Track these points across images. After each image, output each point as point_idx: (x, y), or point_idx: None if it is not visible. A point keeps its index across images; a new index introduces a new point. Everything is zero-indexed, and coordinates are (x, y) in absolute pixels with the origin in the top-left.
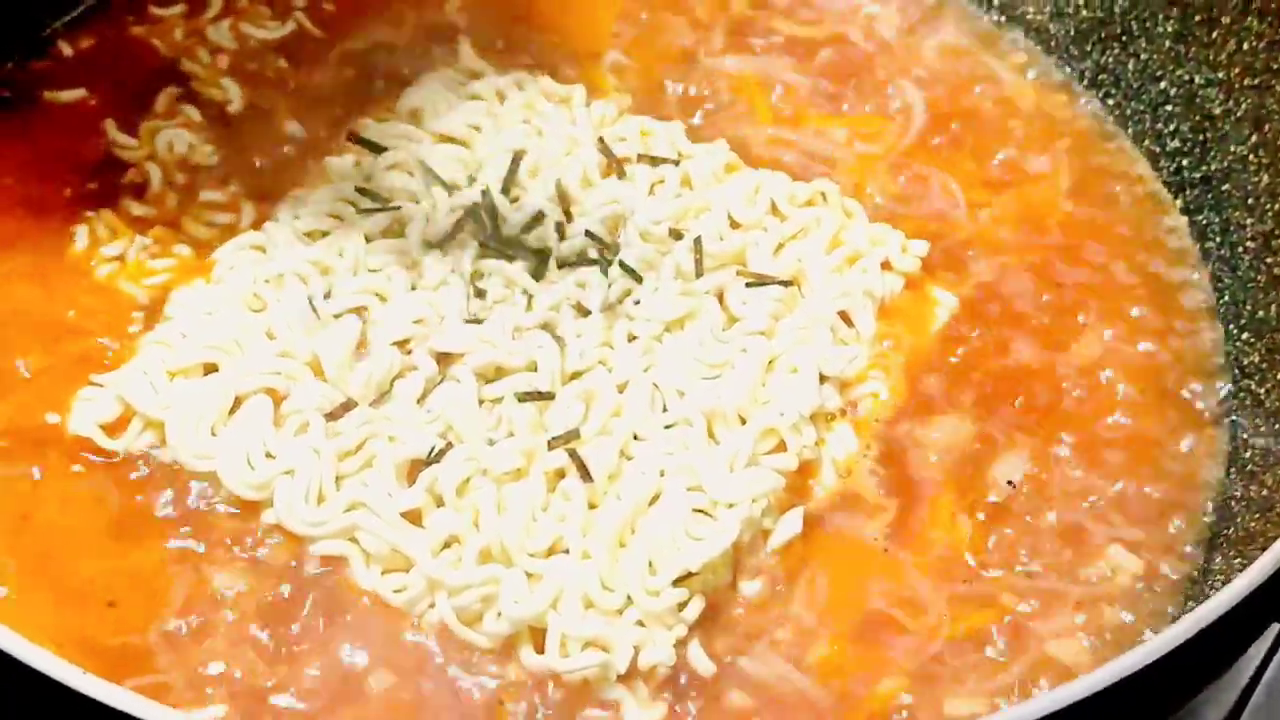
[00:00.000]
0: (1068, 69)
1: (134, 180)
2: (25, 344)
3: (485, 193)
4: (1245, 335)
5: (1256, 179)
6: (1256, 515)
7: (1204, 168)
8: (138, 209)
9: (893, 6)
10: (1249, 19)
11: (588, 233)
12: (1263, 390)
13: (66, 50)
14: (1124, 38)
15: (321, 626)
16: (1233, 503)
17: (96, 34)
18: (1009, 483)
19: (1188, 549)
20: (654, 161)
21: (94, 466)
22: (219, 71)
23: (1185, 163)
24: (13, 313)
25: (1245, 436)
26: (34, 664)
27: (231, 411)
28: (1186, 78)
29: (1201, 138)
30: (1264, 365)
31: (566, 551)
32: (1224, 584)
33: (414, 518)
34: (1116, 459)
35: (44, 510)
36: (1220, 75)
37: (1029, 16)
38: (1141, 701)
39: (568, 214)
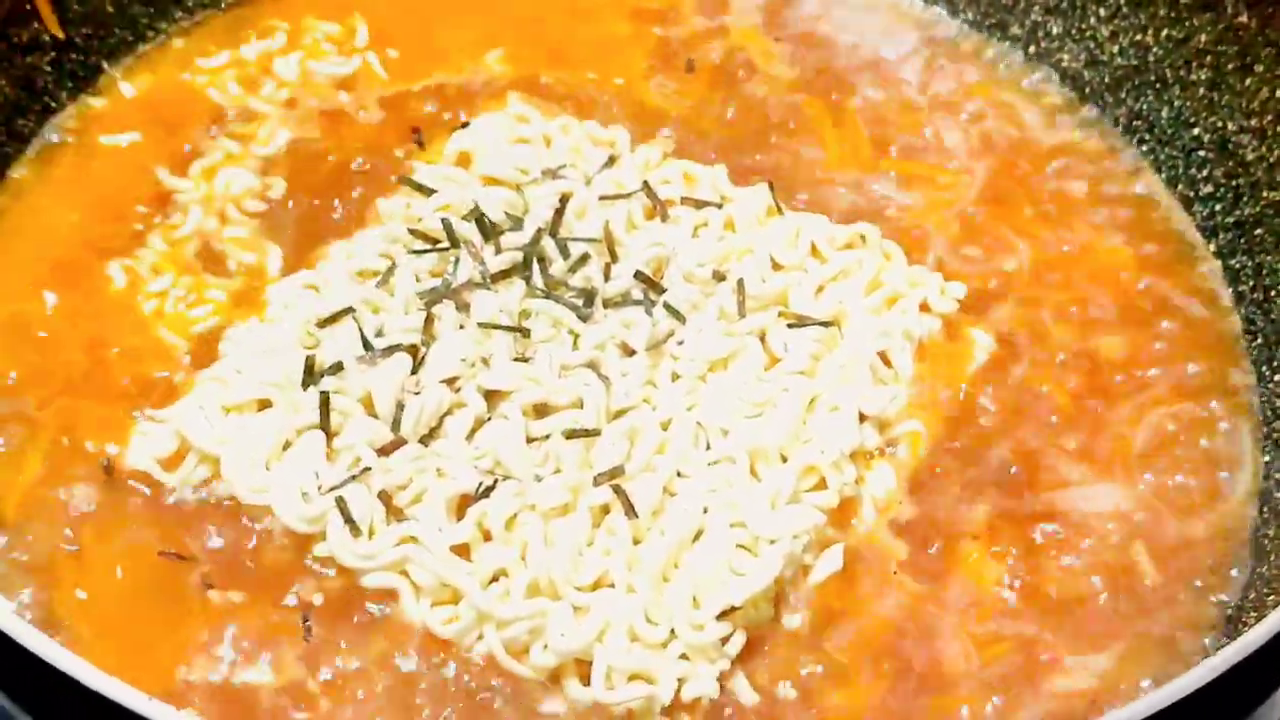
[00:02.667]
0: (1102, 114)
1: (179, 222)
2: (79, 379)
3: (536, 235)
4: (1278, 378)
5: None
6: None
7: (1237, 213)
8: (182, 249)
9: (921, 56)
10: None
11: (637, 273)
12: None
13: (127, 91)
14: (1158, 85)
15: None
16: (1265, 540)
17: (154, 75)
18: (1043, 520)
19: (1221, 590)
20: (697, 205)
21: (149, 500)
22: (272, 112)
23: (1218, 208)
24: (67, 347)
25: (1278, 476)
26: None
27: (285, 447)
28: (1220, 124)
29: (1235, 183)
30: None
31: (612, 585)
32: (1258, 620)
33: (463, 552)
34: (1149, 497)
35: (98, 544)
36: (1253, 123)
37: (1064, 64)
38: None
39: (613, 255)
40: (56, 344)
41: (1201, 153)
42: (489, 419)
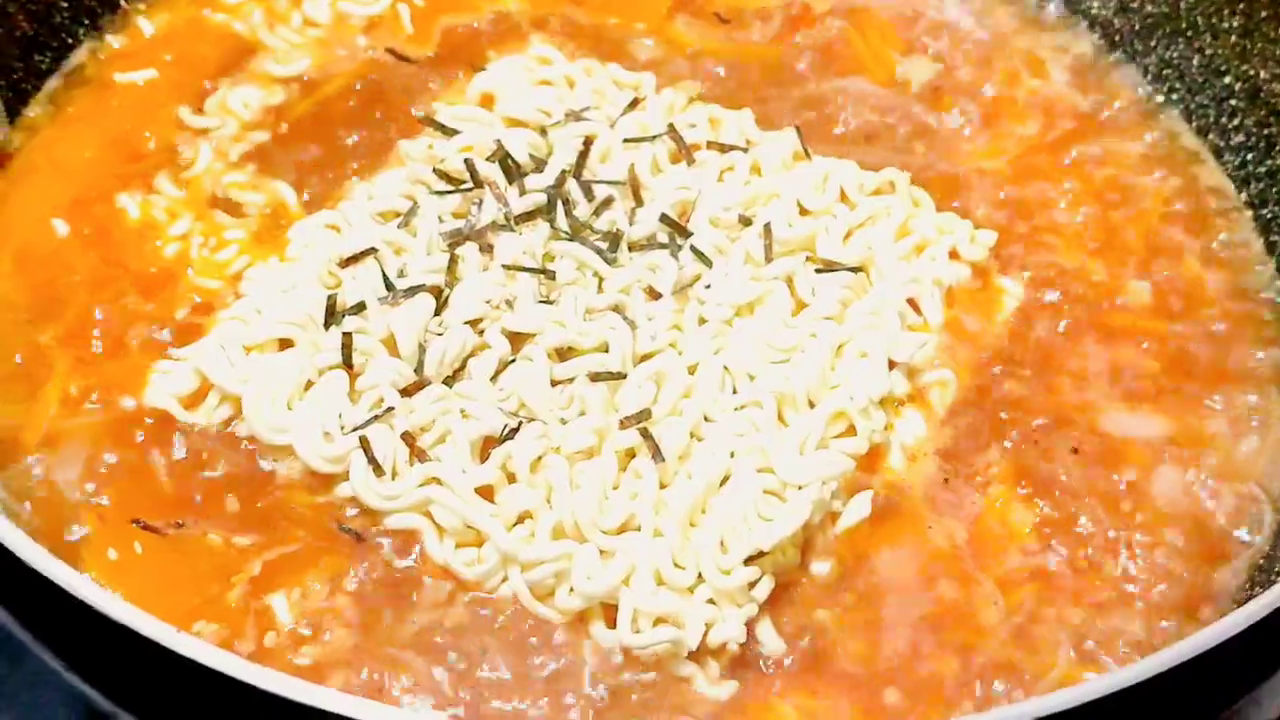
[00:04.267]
0: (1131, 62)
1: (193, 159)
2: (94, 322)
3: (560, 177)
4: None
5: None
6: None
7: (1269, 162)
8: (199, 186)
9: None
10: None
11: (662, 216)
12: None
13: (145, 29)
14: (1189, 33)
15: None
16: None
17: (172, 12)
18: (1071, 467)
19: (1255, 536)
20: (723, 149)
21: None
22: (293, 49)
23: (1250, 157)
24: (85, 285)
25: None
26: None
27: (307, 386)
28: (1251, 73)
29: (1266, 132)
30: None
31: (638, 529)
32: None
33: (487, 494)
34: (1179, 450)
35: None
36: None
37: (1094, 11)
38: (1190, 694)
39: (638, 199)
40: (72, 281)
41: (1233, 101)
42: (513, 361)
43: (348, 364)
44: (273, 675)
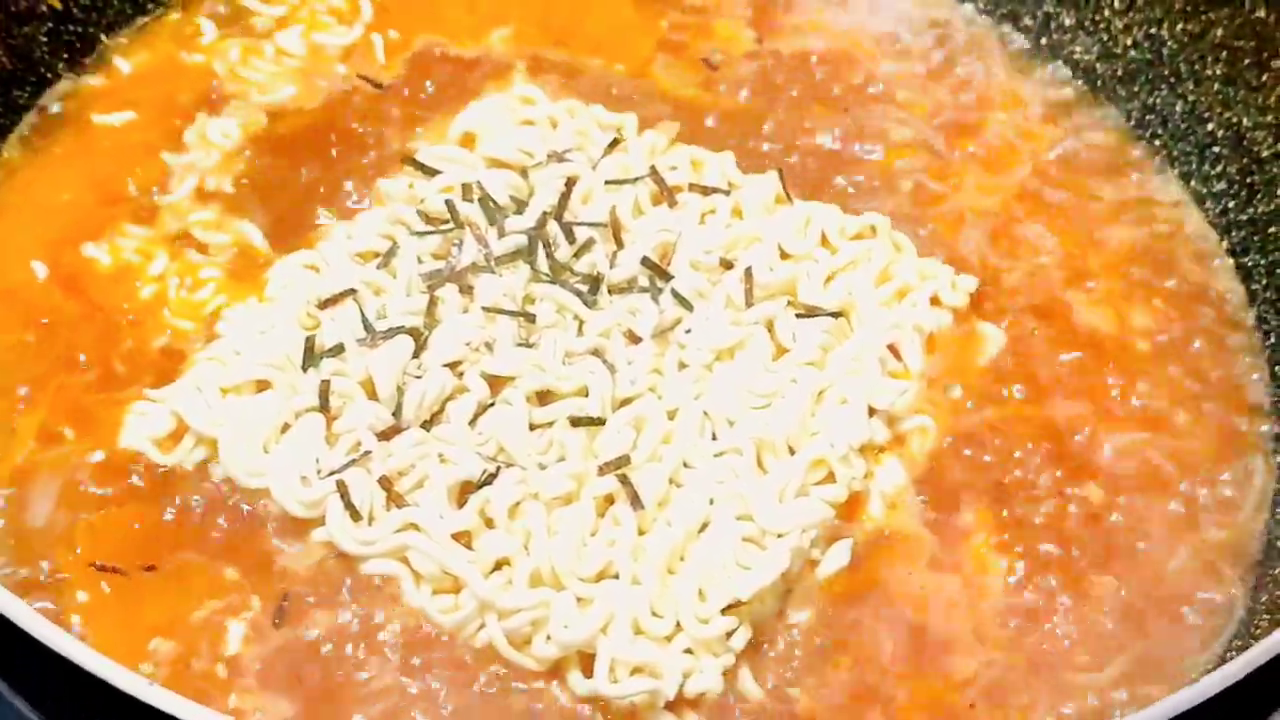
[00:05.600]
0: (1114, 108)
1: (171, 201)
2: (71, 362)
3: (541, 219)
4: None
5: None
6: None
7: (1250, 210)
8: (167, 224)
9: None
10: None
11: (644, 259)
12: None
13: (123, 68)
14: (1171, 79)
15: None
16: (1278, 542)
17: (152, 51)
18: (1052, 516)
19: (1232, 588)
20: (705, 191)
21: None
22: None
23: (1231, 205)
24: (61, 328)
25: None
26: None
27: (284, 429)
28: (1234, 120)
29: (1249, 180)
30: None
31: (616, 577)
32: (1270, 624)
33: (464, 539)
34: (1160, 496)
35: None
36: (1268, 119)
37: (1076, 56)
38: None
39: (619, 241)
40: (50, 321)
41: (1215, 148)
42: (492, 404)
43: (325, 407)
44: None
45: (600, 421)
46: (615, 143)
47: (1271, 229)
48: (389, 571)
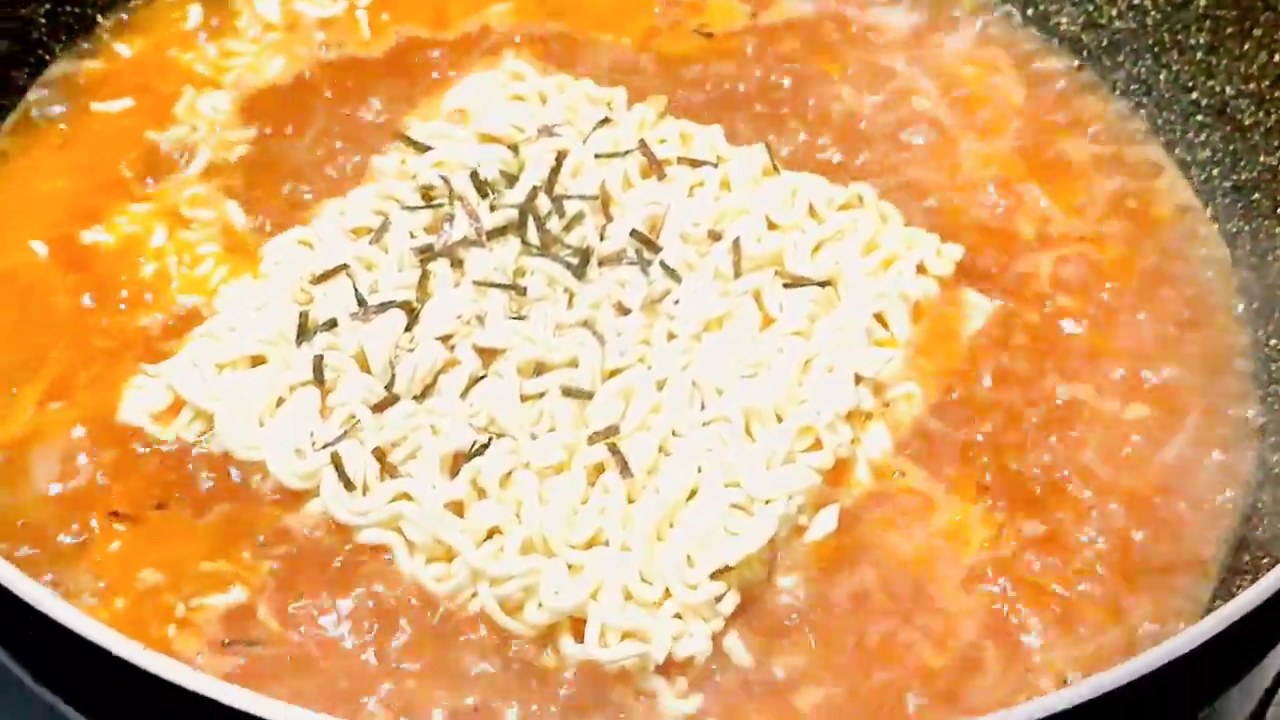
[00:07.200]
0: (1100, 78)
1: (167, 184)
2: (72, 339)
3: (531, 193)
4: (1274, 341)
5: None
6: None
7: (1234, 177)
8: (171, 207)
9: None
10: None
11: (633, 232)
12: None
13: (118, 49)
14: (1156, 49)
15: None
16: (1260, 505)
17: (147, 37)
18: (1036, 481)
19: (1212, 549)
20: (694, 164)
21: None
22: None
23: (1215, 172)
24: (59, 306)
25: (1273, 440)
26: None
27: (279, 403)
28: (1218, 89)
29: (1232, 148)
30: None
31: (606, 544)
32: (1251, 583)
33: (457, 509)
34: (1145, 458)
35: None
36: (1251, 87)
37: (1062, 27)
38: (1163, 699)
39: (608, 214)
40: (49, 302)
41: (1199, 117)
42: (483, 377)
43: (319, 380)
44: (239, 693)
45: (589, 395)
46: (605, 121)
47: (1254, 195)
48: (383, 540)
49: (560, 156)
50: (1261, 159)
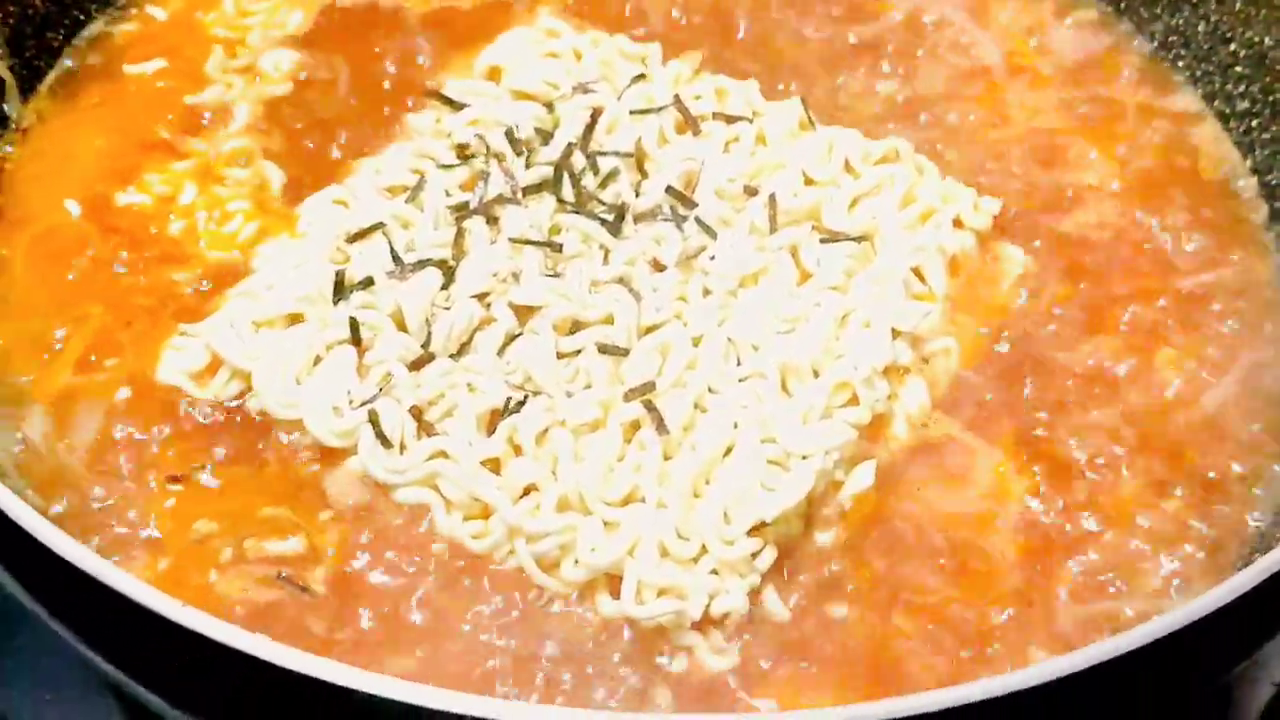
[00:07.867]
0: (1137, 30)
1: (205, 144)
2: (107, 299)
3: (566, 150)
4: None
5: None
6: None
7: (1274, 128)
8: (210, 166)
9: None
10: None
11: (668, 188)
12: None
13: (158, 15)
14: (1194, 0)
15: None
16: None
17: None
18: (1074, 435)
19: (1254, 506)
20: (729, 119)
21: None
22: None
23: (1255, 123)
24: (96, 265)
25: None
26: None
27: (316, 361)
28: (1256, 39)
29: (1272, 99)
30: None
31: (643, 500)
32: None
33: (493, 466)
34: (1186, 413)
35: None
36: None
37: None
38: (1208, 646)
39: (643, 171)
40: (86, 261)
41: (1238, 68)
42: (519, 334)
43: (356, 339)
44: (275, 648)
45: (625, 352)
46: (640, 77)
47: None
48: (421, 499)
49: (595, 113)
50: None
